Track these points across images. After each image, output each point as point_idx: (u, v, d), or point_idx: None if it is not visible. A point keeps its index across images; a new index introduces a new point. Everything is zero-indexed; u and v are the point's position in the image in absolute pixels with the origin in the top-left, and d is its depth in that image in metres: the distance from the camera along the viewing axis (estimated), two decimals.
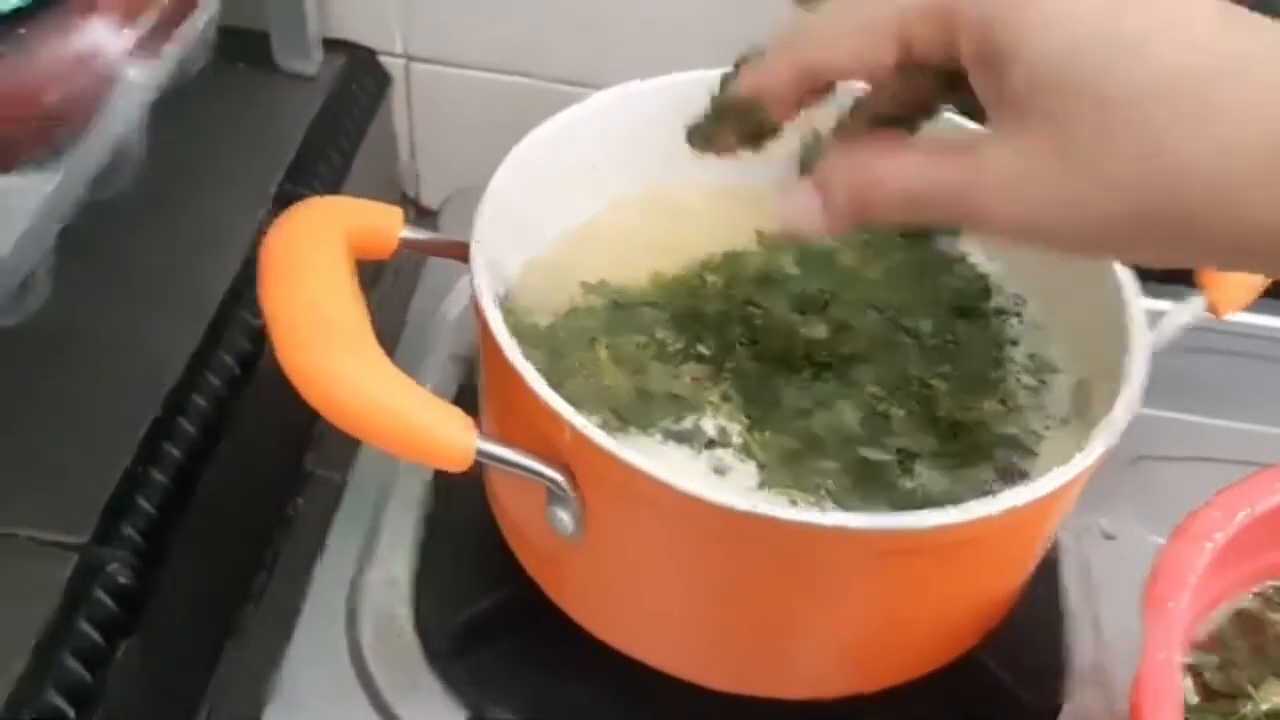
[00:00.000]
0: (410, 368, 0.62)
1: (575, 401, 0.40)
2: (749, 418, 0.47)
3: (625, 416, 0.46)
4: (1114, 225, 0.31)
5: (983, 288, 0.54)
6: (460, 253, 0.46)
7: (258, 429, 0.65)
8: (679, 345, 0.49)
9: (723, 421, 0.46)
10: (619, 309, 0.50)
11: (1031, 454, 0.48)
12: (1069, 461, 0.41)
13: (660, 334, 0.49)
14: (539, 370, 0.41)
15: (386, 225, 0.44)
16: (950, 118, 0.47)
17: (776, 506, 0.40)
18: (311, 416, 0.39)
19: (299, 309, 0.38)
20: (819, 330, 0.50)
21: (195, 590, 0.60)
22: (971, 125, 0.48)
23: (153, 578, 0.55)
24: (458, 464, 0.38)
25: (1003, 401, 0.50)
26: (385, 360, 0.38)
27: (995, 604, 0.48)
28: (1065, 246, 0.33)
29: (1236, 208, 0.30)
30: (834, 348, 0.49)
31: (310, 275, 0.39)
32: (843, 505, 0.45)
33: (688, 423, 0.46)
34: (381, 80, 0.82)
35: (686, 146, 0.47)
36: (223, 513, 0.62)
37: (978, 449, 0.48)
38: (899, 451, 0.47)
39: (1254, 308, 0.64)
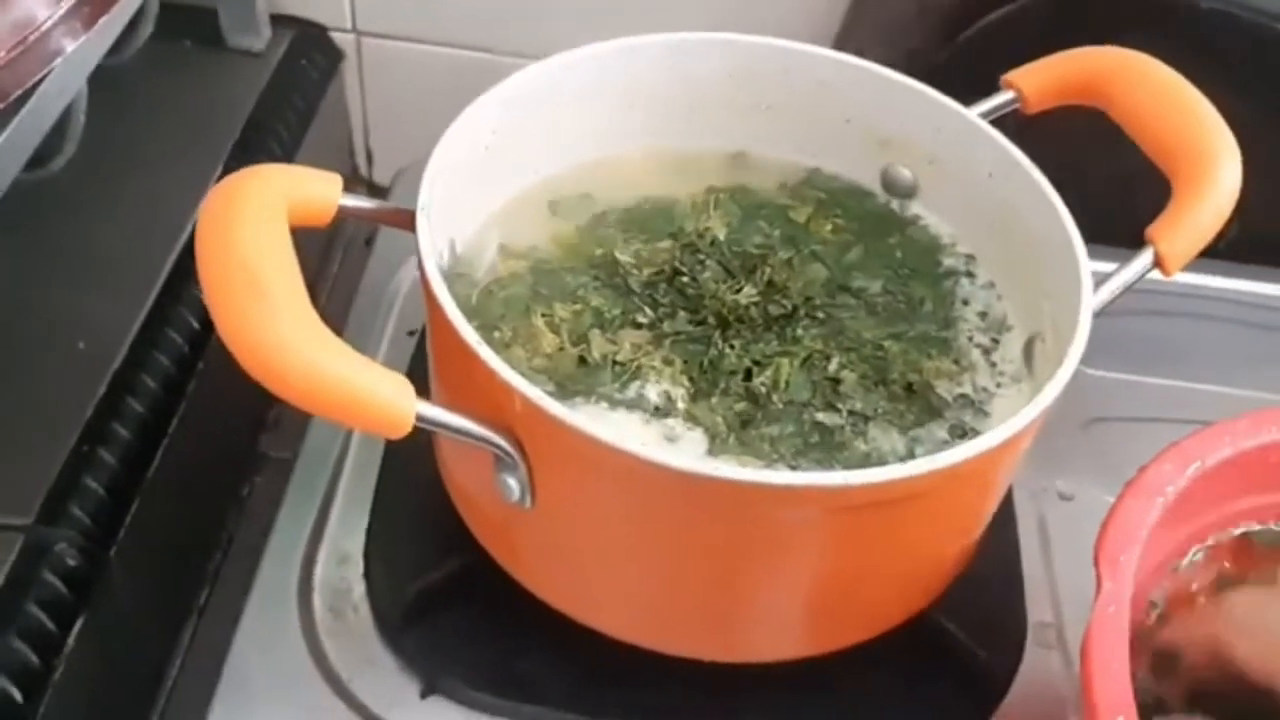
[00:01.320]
0: (362, 341, 0.62)
1: (518, 370, 0.40)
2: (691, 381, 0.46)
3: (568, 386, 0.45)
4: None
5: (934, 248, 0.54)
6: (403, 220, 0.45)
7: (210, 410, 0.64)
8: (616, 311, 0.48)
9: (666, 386, 0.46)
10: (544, 274, 0.50)
11: (984, 413, 0.48)
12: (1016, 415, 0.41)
13: (596, 301, 0.49)
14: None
15: (325, 192, 0.43)
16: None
17: (727, 467, 0.39)
18: (267, 399, 0.38)
19: (234, 274, 0.37)
20: (748, 293, 0.49)
21: (148, 572, 0.59)
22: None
23: (102, 559, 0.54)
24: (397, 429, 0.38)
25: (955, 361, 0.50)
26: (321, 325, 0.37)
27: (949, 562, 0.48)
28: None
29: None
30: (768, 307, 0.49)
31: (245, 241, 0.38)
32: (796, 470, 0.44)
33: (631, 391, 0.46)
34: (332, 56, 0.81)
35: (632, 111, 0.47)
36: (176, 494, 0.61)
37: (930, 409, 0.48)
38: (851, 414, 0.47)
39: (1203, 268, 0.64)
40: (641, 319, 0.48)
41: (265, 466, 0.71)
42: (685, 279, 0.50)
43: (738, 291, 0.49)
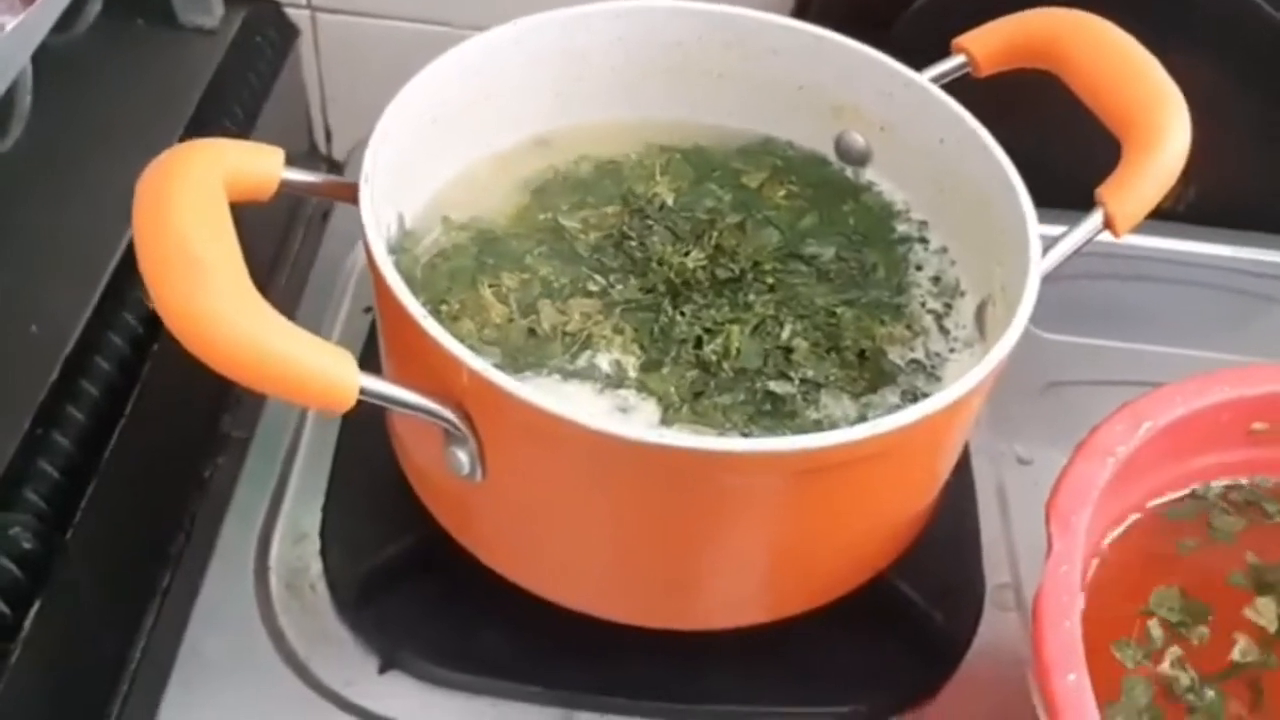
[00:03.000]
0: (317, 317, 0.61)
1: (466, 344, 0.40)
2: (642, 349, 0.46)
3: (518, 358, 0.45)
4: None
5: (888, 214, 0.54)
6: (348, 193, 0.44)
7: (168, 391, 0.63)
8: (564, 280, 0.48)
9: (617, 355, 0.46)
10: (489, 243, 0.50)
11: (936, 378, 0.48)
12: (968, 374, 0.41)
13: (544, 270, 0.48)
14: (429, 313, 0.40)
15: (266, 166, 0.42)
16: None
17: (678, 435, 0.39)
18: (227, 379, 0.38)
19: (170, 249, 0.37)
20: (696, 256, 0.49)
21: (107, 554, 0.59)
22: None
23: (58, 542, 0.54)
24: (340, 403, 0.37)
25: (908, 326, 0.50)
26: (260, 300, 0.37)
27: (904, 525, 0.48)
28: None
29: None
30: (715, 271, 0.49)
31: (182, 215, 0.37)
32: (748, 437, 0.44)
33: (582, 360, 0.46)
34: (287, 33, 0.80)
35: (580, 82, 0.46)
36: (134, 476, 0.60)
37: (882, 375, 0.48)
38: (803, 382, 0.47)
39: (1157, 230, 0.65)
40: (592, 287, 0.48)
41: (227, 447, 0.70)
42: (633, 243, 0.50)
43: (685, 255, 0.49)
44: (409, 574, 0.51)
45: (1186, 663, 0.46)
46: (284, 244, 0.76)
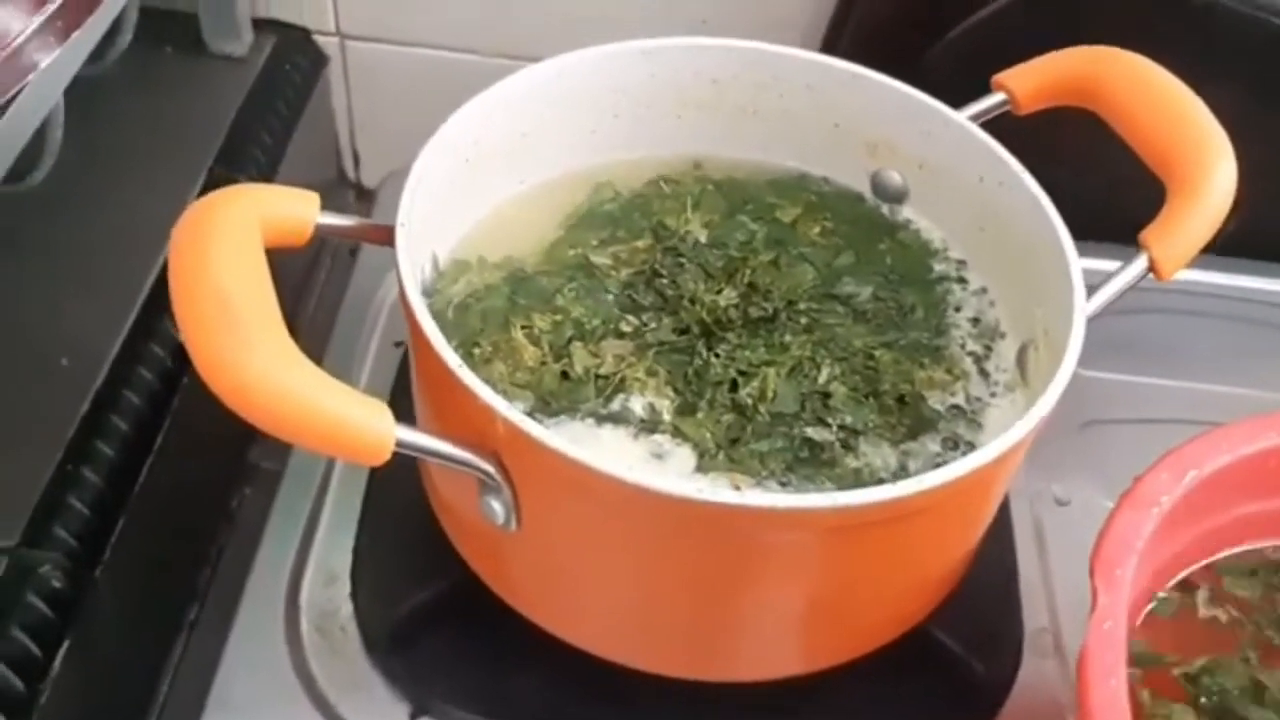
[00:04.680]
0: (348, 355, 0.61)
1: (499, 388, 0.39)
2: (676, 392, 0.45)
3: (551, 402, 0.45)
4: None
5: (926, 253, 0.53)
6: (383, 236, 0.44)
7: (196, 423, 0.63)
8: (597, 321, 0.48)
9: (651, 399, 0.45)
10: (521, 282, 0.49)
11: (977, 425, 0.47)
12: (1011, 428, 0.40)
13: (576, 311, 0.48)
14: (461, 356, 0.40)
15: (302, 211, 0.42)
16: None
17: (715, 490, 0.39)
18: None
19: (206, 300, 0.36)
20: (729, 296, 0.49)
21: (136, 589, 0.59)
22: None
23: (88, 579, 0.54)
24: (375, 457, 0.37)
25: (948, 370, 0.49)
26: (296, 350, 0.36)
27: (943, 576, 0.47)
28: None
29: None
30: (748, 310, 0.48)
31: (218, 267, 0.37)
32: (784, 486, 0.44)
33: (616, 404, 0.45)
34: (317, 60, 0.80)
35: (617, 119, 0.46)
36: (162, 510, 0.60)
37: (922, 421, 0.47)
38: (841, 428, 0.46)
39: (1196, 264, 0.63)
40: (624, 327, 0.48)
41: (255, 477, 0.70)
42: (664, 280, 0.49)
43: (718, 293, 0.48)
44: (440, 619, 0.51)
45: None
46: (311, 274, 0.76)
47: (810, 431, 0.45)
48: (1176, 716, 0.45)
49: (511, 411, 0.38)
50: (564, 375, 0.46)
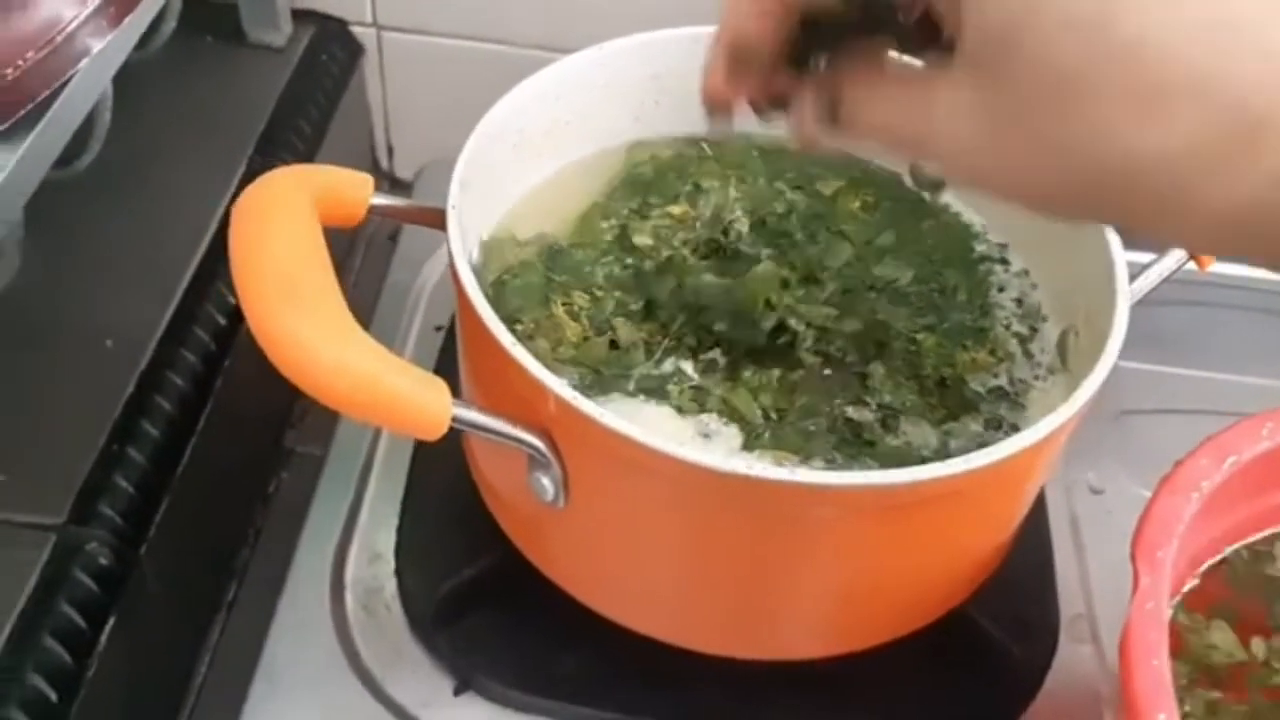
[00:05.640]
0: (388, 339, 0.62)
1: (543, 364, 0.40)
2: (724, 353, 0.46)
3: (602, 372, 0.45)
4: (1062, 194, 0.30)
5: (967, 234, 0.54)
6: (431, 219, 0.45)
7: (237, 407, 0.64)
8: (634, 306, 0.48)
9: (699, 365, 0.46)
10: (553, 255, 0.50)
11: (1020, 406, 0.48)
12: (1055, 410, 0.41)
13: (616, 294, 0.48)
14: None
15: (356, 191, 0.43)
16: None
17: (765, 467, 0.39)
18: (292, 393, 0.38)
19: (267, 275, 0.37)
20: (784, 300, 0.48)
21: (178, 568, 0.59)
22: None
23: (132, 557, 0.55)
24: (433, 431, 0.37)
25: (992, 351, 0.49)
26: (356, 326, 0.37)
27: (984, 558, 0.48)
28: (1010, 201, 0.32)
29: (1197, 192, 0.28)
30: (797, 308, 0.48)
31: (278, 241, 0.38)
32: (828, 464, 0.44)
33: (668, 365, 0.45)
34: (353, 50, 0.80)
35: (658, 105, 0.46)
36: (203, 490, 0.61)
37: (964, 403, 0.47)
38: (880, 408, 0.46)
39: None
40: (662, 319, 0.48)
41: (292, 462, 0.71)
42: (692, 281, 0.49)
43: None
44: (485, 596, 0.51)
45: None
46: (347, 260, 0.77)
47: (850, 411, 0.46)
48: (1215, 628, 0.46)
49: (564, 389, 0.39)
50: (612, 344, 0.46)
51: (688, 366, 0.46)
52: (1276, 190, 0.27)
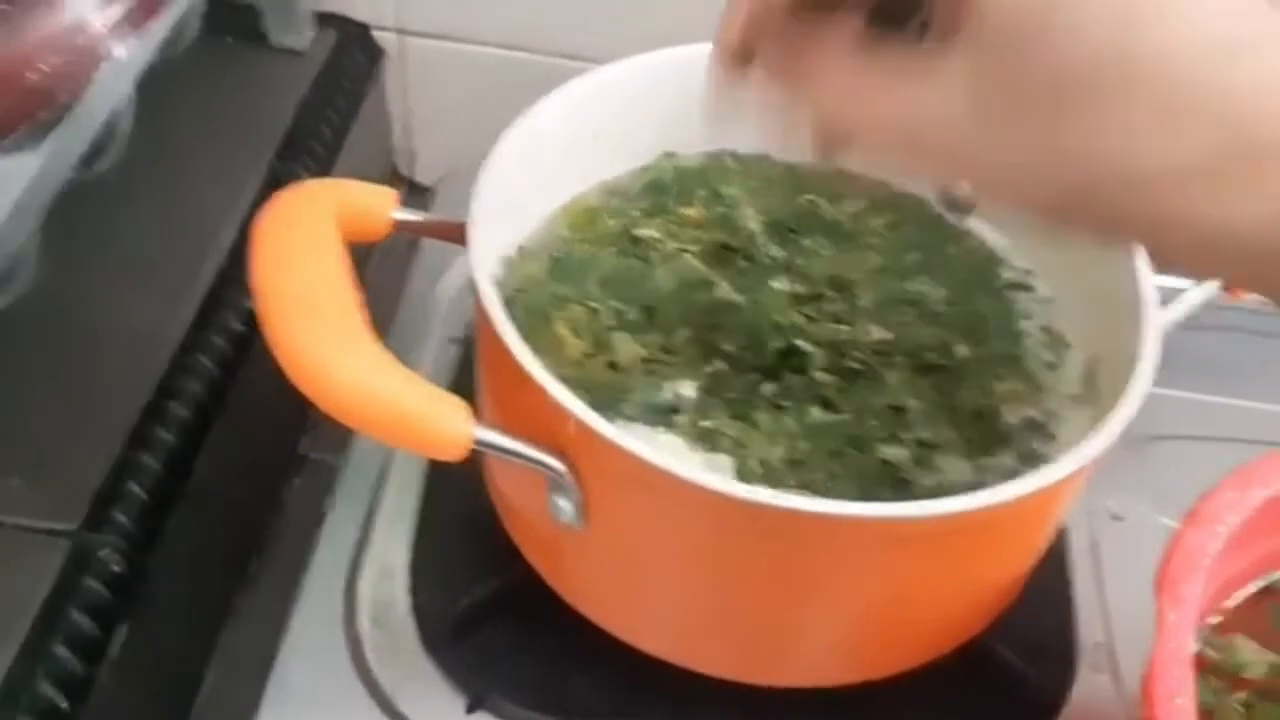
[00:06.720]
0: (405, 351, 0.61)
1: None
2: (731, 415, 0.45)
3: (601, 396, 0.44)
4: (1055, 196, 0.29)
5: (992, 259, 0.53)
6: (454, 234, 0.44)
7: (252, 412, 0.64)
8: (634, 315, 0.47)
9: (701, 383, 0.45)
10: (556, 262, 0.49)
11: (1050, 437, 0.47)
12: (1085, 442, 0.40)
13: (612, 302, 0.48)
14: None
15: (379, 206, 0.42)
16: None
17: (791, 497, 0.38)
18: (307, 401, 0.38)
19: (289, 294, 0.37)
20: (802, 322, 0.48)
21: (190, 575, 0.59)
22: None
23: (145, 564, 0.54)
24: (454, 453, 0.37)
25: (1025, 382, 0.48)
26: (378, 346, 0.37)
27: (1005, 589, 0.47)
28: (995, 199, 0.31)
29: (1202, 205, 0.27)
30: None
31: (301, 260, 0.38)
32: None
33: (667, 392, 0.45)
34: (375, 55, 0.80)
35: (684, 121, 0.45)
36: (216, 497, 0.61)
37: (999, 436, 0.46)
38: (919, 444, 0.45)
39: None
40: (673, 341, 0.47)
41: (305, 468, 0.71)
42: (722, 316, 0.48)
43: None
44: (498, 614, 0.51)
45: None
46: (362, 271, 0.77)
47: (885, 451, 0.45)
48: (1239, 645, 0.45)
49: (586, 412, 0.38)
50: (610, 366, 0.46)
51: (690, 390, 0.45)
52: (1274, 219, 0.27)
